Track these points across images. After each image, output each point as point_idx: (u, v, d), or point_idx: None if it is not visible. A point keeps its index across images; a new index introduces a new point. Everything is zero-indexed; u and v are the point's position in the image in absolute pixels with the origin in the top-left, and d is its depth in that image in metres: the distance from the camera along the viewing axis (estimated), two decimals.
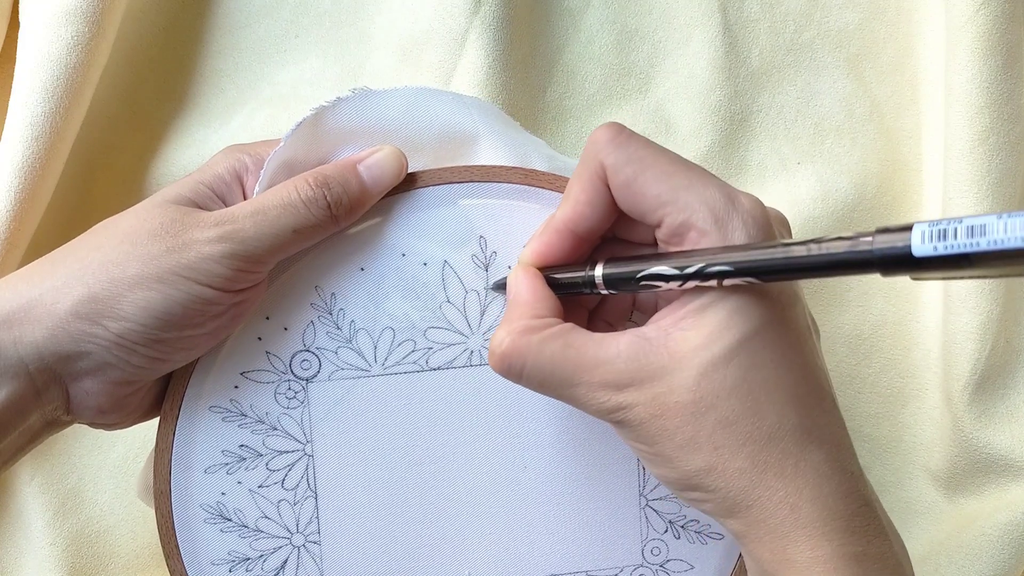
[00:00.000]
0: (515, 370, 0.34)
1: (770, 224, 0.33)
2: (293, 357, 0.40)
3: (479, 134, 0.41)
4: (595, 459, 0.41)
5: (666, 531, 0.42)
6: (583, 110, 0.53)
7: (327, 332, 0.40)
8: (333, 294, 0.39)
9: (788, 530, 0.32)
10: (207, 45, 0.53)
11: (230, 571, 0.40)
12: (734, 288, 0.32)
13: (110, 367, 0.36)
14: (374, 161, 0.39)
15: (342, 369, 0.40)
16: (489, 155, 0.41)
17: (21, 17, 0.49)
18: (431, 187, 0.40)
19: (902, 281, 0.53)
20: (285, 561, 0.40)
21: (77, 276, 0.35)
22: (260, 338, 0.39)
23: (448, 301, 0.40)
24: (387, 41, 0.52)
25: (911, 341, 0.53)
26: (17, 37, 0.49)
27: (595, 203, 0.35)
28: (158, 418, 0.40)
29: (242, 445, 0.40)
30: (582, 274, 0.36)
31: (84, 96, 0.48)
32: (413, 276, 0.40)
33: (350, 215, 0.38)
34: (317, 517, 0.40)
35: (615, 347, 0.33)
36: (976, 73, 0.50)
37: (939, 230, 0.27)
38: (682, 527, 0.42)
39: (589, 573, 0.42)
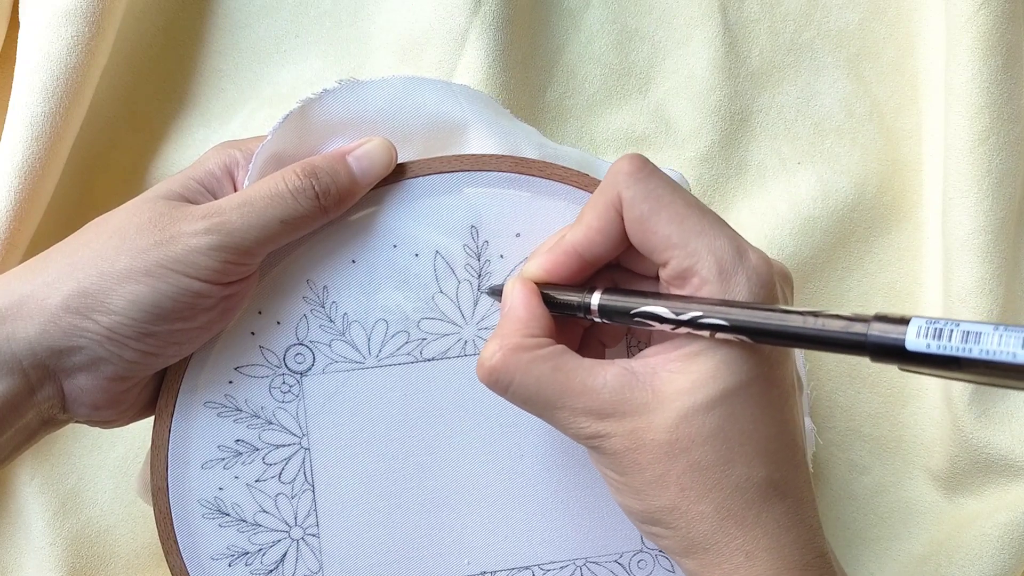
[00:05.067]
0: (501, 385, 0.35)
1: (774, 284, 0.34)
2: (287, 351, 0.40)
3: (468, 122, 0.41)
4: None
5: None
6: (583, 110, 0.53)
7: (320, 325, 0.40)
8: (325, 287, 0.39)
9: None
10: (207, 45, 0.53)
11: (230, 565, 0.40)
12: (721, 341, 0.33)
13: (103, 362, 0.36)
14: (363, 152, 0.38)
15: (336, 362, 0.40)
16: (479, 143, 0.41)
17: (21, 17, 0.49)
18: (421, 177, 0.40)
19: (902, 280, 0.53)
20: (284, 554, 0.40)
21: (67, 271, 0.35)
22: (253, 333, 0.39)
23: (441, 291, 0.40)
24: (387, 41, 0.52)
25: None
26: (17, 37, 0.49)
27: (607, 232, 0.35)
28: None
29: (238, 440, 0.40)
30: (578, 298, 0.36)
31: (84, 96, 0.48)
32: (405, 267, 0.40)
33: (339, 206, 0.38)
34: (315, 510, 0.40)
35: (602, 377, 0.34)
36: (976, 73, 0.50)
37: (935, 328, 0.28)
38: None
39: (589, 559, 0.42)
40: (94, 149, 0.51)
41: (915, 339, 0.28)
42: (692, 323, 0.33)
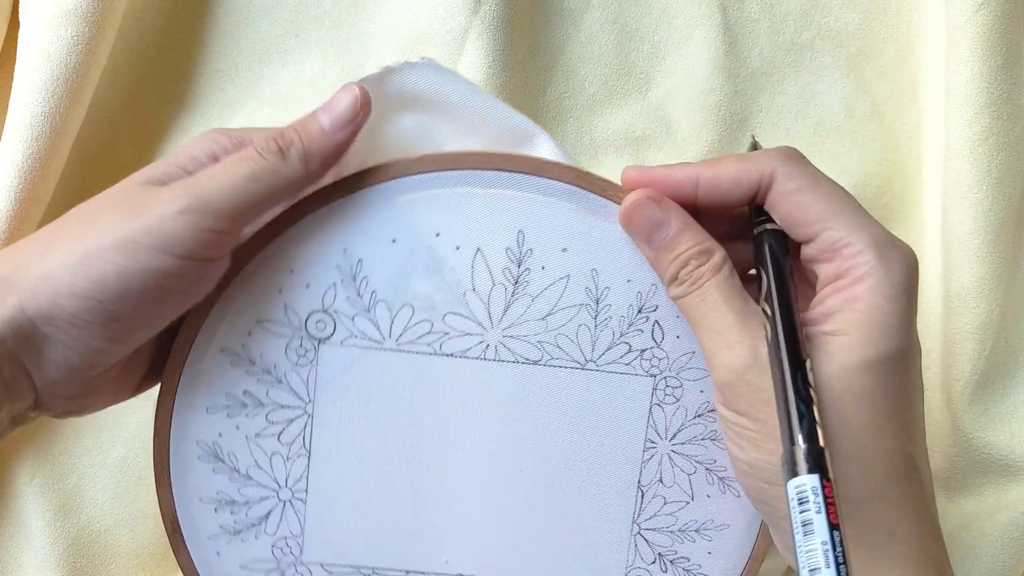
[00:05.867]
0: (697, 281, 0.36)
1: (918, 269, 0.35)
2: (310, 315, 0.39)
3: (539, 134, 0.40)
4: (594, 477, 0.41)
5: (654, 562, 0.42)
6: (583, 110, 0.53)
7: (347, 297, 0.39)
8: (360, 260, 0.39)
9: (879, 557, 0.32)
10: (207, 45, 0.53)
11: (215, 511, 0.40)
12: (878, 309, 0.34)
13: (70, 351, 0.35)
14: (328, 103, 0.37)
15: (355, 336, 0.39)
16: (546, 153, 0.40)
17: (21, 17, 0.49)
18: (480, 171, 0.39)
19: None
20: (269, 512, 0.41)
21: (39, 255, 0.34)
22: (281, 290, 0.39)
23: (473, 290, 0.39)
24: (387, 41, 0.52)
25: None
26: (17, 37, 0.49)
27: (736, 184, 0.36)
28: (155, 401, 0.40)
29: (246, 391, 0.40)
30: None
31: (84, 96, 0.48)
32: (443, 257, 0.39)
33: (307, 160, 0.36)
34: (307, 476, 0.40)
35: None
36: (976, 73, 0.50)
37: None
38: (671, 562, 0.42)
39: None
40: (94, 149, 0.51)
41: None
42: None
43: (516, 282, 0.39)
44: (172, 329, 0.39)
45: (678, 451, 0.41)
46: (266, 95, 0.52)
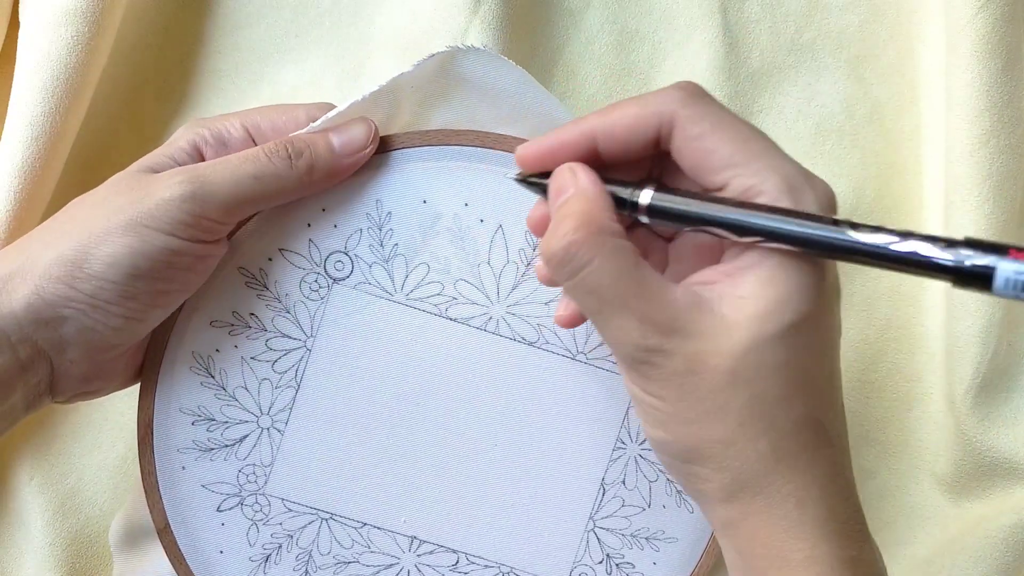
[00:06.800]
0: (576, 265, 0.32)
1: (837, 209, 0.32)
2: (331, 255, 0.40)
3: None
4: (563, 466, 0.42)
5: (601, 562, 0.42)
6: (583, 110, 0.53)
7: (369, 245, 0.40)
8: (390, 213, 0.40)
9: (790, 525, 0.32)
10: (207, 45, 0.53)
11: (192, 424, 0.41)
12: (793, 266, 0.31)
13: (89, 331, 0.36)
14: (343, 128, 0.39)
15: (369, 283, 0.40)
16: None
17: (21, 17, 0.49)
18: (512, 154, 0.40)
19: (906, 284, 0.53)
20: (245, 437, 0.41)
21: (49, 244, 0.36)
22: (310, 224, 0.40)
23: (488, 263, 0.40)
24: (387, 41, 0.52)
25: (915, 345, 0.53)
26: (17, 37, 0.49)
27: (634, 133, 0.33)
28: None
29: (252, 314, 0.40)
30: (626, 192, 0.33)
31: (84, 96, 0.48)
32: (467, 226, 0.40)
33: (313, 172, 0.38)
34: (291, 408, 0.41)
35: (674, 290, 0.32)
36: (976, 76, 0.49)
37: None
38: (617, 565, 0.42)
39: (514, 570, 0.42)
40: (94, 149, 0.51)
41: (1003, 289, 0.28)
42: (768, 234, 0.31)
43: (528, 264, 0.41)
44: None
45: (645, 456, 0.42)
46: (266, 95, 0.52)
